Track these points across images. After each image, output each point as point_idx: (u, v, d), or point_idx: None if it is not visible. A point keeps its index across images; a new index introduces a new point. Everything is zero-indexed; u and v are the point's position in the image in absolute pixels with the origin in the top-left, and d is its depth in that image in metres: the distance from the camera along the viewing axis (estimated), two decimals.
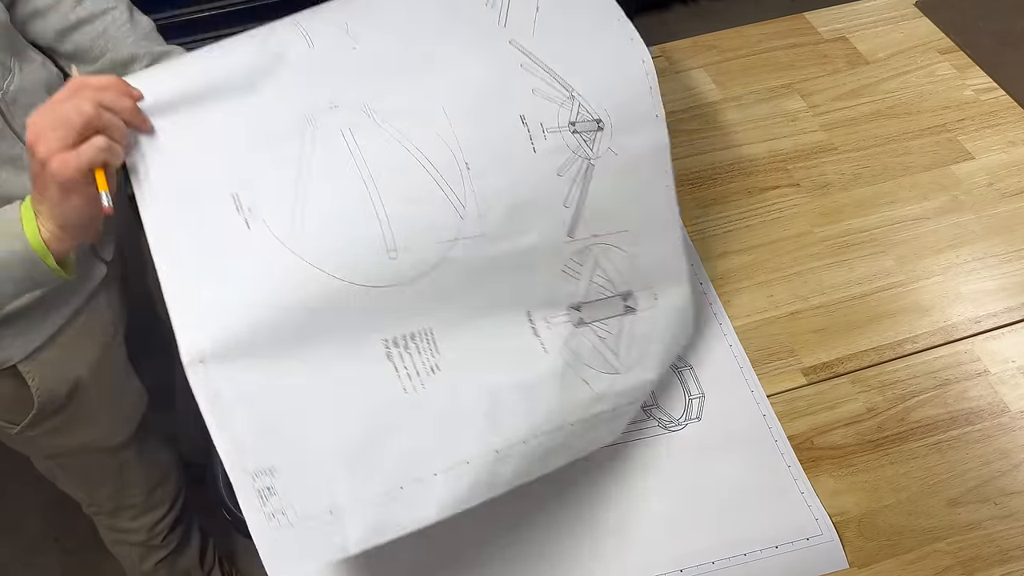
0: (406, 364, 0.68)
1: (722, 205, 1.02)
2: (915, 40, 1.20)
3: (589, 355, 0.77)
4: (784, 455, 0.81)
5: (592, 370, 0.76)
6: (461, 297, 0.71)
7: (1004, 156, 1.06)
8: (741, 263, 0.96)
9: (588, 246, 0.78)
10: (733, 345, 0.89)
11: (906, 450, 0.82)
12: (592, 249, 0.78)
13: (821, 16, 1.23)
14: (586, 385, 0.75)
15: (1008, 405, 0.85)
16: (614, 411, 0.76)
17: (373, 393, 0.66)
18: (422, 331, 0.69)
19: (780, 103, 1.12)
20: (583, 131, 0.77)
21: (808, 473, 0.80)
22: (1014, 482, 0.80)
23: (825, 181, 1.04)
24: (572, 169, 0.76)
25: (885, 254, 0.97)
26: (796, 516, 0.77)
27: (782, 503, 0.78)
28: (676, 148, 1.07)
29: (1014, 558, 0.76)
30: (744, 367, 0.87)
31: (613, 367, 0.77)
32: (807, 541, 0.76)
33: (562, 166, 0.75)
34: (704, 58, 1.18)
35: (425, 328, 0.69)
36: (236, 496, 0.60)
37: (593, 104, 0.78)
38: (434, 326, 0.69)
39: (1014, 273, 0.95)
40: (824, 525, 0.77)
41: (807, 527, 0.77)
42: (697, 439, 0.83)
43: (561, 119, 0.76)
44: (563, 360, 0.75)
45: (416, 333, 0.69)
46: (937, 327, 0.91)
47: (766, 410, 0.84)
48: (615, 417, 0.76)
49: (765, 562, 0.75)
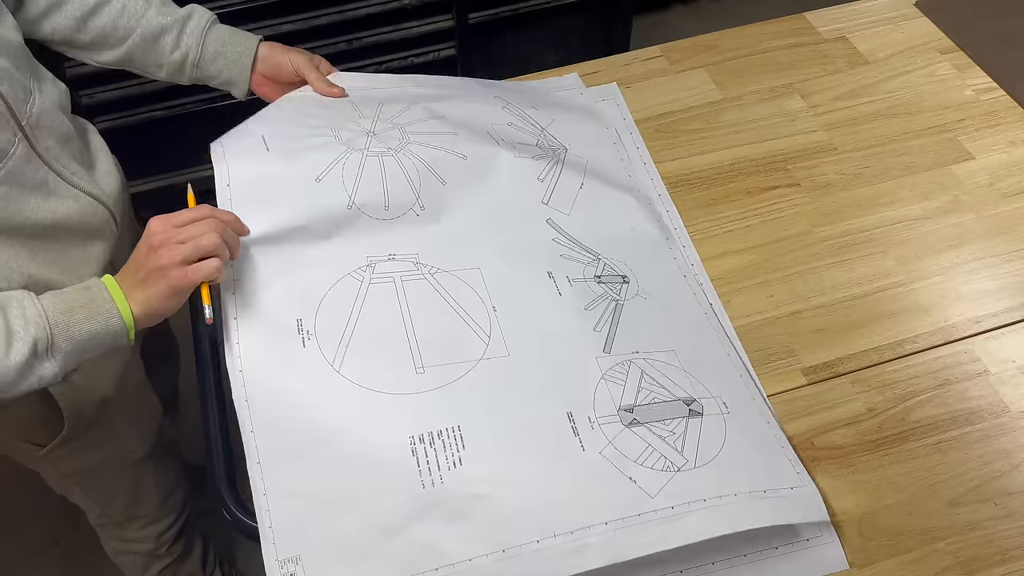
0: (428, 459, 0.74)
1: (722, 205, 1.02)
2: (915, 40, 1.20)
3: (642, 453, 0.76)
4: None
5: (644, 468, 0.75)
6: (490, 401, 0.78)
7: (1004, 156, 1.06)
8: (741, 263, 0.96)
9: (630, 359, 0.83)
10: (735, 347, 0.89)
11: (906, 450, 0.82)
12: (636, 362, 0.83)
13: (821, 16, 1.23)
14: (632, 483, 0.74)
15: (1008, 405, 0.85)
16: (673, 510, 0.73)
17: (394, 487, 0.73)
18: (449, 428, 0.76)
19: (780, 103, 1.12)
20: (608, 282, 0.89)
21: (808, 473, 0.80)
22: (1014, 482, 0.80)
23: (825, 181, 1.04)
24: (599, 307, 0.87)
25: (885, 254, 0.97)
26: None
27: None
28: (676, 148, 1.08)
29: (1014, 558, 0.76)
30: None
31: (673, 464, 0.76)
32: (806, 542, 0.76)
33: (589, 303, 0.87)
34: (704, 58, 1.18)
35: (452, 425, 0.76)
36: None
37: (619, 265, 0.91)
38: (462, 423, 0.76)
39: (1014, 273, 0.95)
40: (823, 526, 0.77)
41: (806, 528, 0.77)
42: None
43: (587, 273, 0.89)
44: (604, 458, 0.75)
45: (443, 430, 0.75)
46: (937, 327, 0.91)
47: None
48: (677, 516, 0.73)
49: (764, 563, 0.75)
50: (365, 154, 0.90)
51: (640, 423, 0.78)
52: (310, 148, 0.90)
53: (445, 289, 0.85)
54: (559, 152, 1.00)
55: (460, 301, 0.84)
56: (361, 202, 0.88)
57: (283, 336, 0.79)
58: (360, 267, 0.85)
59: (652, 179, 1.03)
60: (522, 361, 0.81)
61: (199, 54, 0.96)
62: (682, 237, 0.98)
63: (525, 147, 0.98)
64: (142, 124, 1.71)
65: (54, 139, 0.82)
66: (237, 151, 0.90)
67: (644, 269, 0.92)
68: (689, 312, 0.89)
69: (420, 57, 1.80)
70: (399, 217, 0.89)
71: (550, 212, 0.93)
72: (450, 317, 0.83)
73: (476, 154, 0.94)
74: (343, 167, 0.89)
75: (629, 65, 1.17)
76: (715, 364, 0.85)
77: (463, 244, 0.89)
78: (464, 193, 0.92)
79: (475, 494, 0.73)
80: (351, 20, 1.69)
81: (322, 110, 0.97)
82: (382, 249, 0.87)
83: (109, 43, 0.93)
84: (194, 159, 1.85)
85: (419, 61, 1.80)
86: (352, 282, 0.84)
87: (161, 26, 0.93)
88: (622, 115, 1.10)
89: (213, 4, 1.55)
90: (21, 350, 0.70)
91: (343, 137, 0.91)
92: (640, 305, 0.88)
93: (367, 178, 0.89)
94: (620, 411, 0.79)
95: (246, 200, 0.86)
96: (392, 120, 0.95)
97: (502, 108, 1.03)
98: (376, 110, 0.97)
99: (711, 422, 0.79)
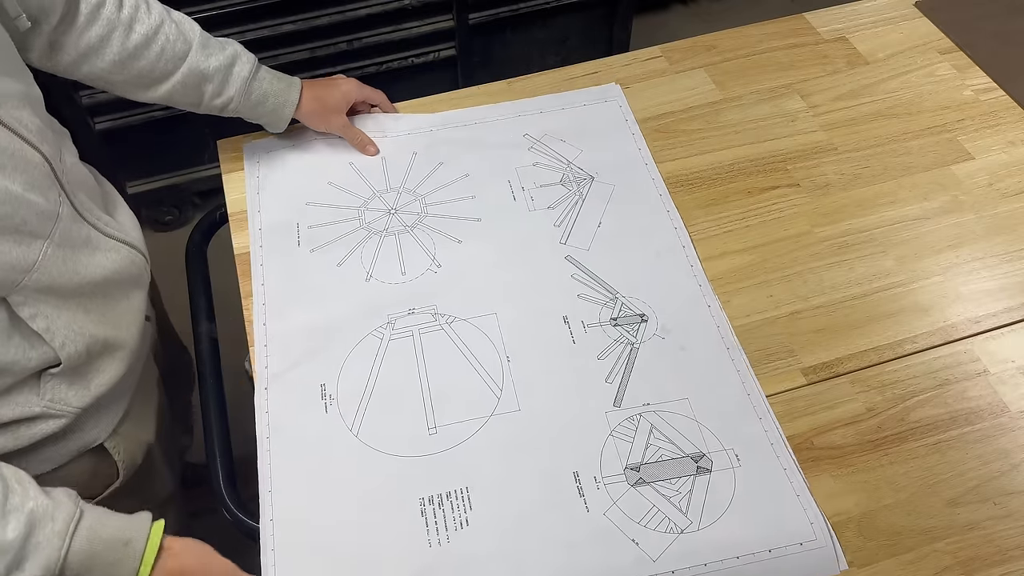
0: (437, 520, 0.77)
1: (722, 205, 1.02)
2: (915, 40, 1.20)
3: (646, 515, 0.77)
4: (780, 458, 0.81)
5: (647, 530, 0.76)
6: (499, 461, 0.80)
7: (1004, 156, 1.06)
8: (741, 263, 0.96)
9: (640, 413, 0.83)
10: (732, 347, 0.89)
11: (906, 450, 0.82)
12: (646, 415, 0.83)
13: (821, 16, 1.23)
14: (635, 546, 0.75)
15: (1008, 405, 0.85)
16: (673, 574, 0.74)
17: (403, 546, 0.76)
18: (457, 490, 0.79)
19: (780, 103, 1.12)
20: (625, 324, 0.90)
21: (807, 473, 0.80)
22: (1014, 482, 0.80)
23: (825, 181, 1.04)
24: (614, 353, 0.88)
25: (885, 254, 0.97)
26: (790, 520, 0.77)
27: (776, 507, 0.78)
28: (676, 148, 1.08)
29: (1013, 558, 0.76)
30: (742, 368, 0.87)
31: (677, 526, 0.77)
32: (800, 546, 0.76)
33: (603, 351, 0.88)
34: (704, 58, 1.18)
35: (461, 487, 0.79)
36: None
37: (637, 304, 0.92)
38: (470, 484, 0.79)
39: (1014, 273, 0.95)
40: (819, 529, 0.77)
41: (801, 531, 0.76)
42: None
43: (603, 316, 0.91)
44: (607, 519, 0.77)
45: (452, 492, 0.79)
46: (937, 327, 0.91)
47: (763, 412, 0.84)
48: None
49: (757, 566, 0.75)
50: (383, 235, 0.98)
51: (646, 482, 0.79)
52: (336, 237, 0.98)
53: (461, 340, 0.89)
54: (584, 184, 1.04)
55: (475, 352, 0.88)
56: (378, 274, 0.95)
57: (308, 402, 0.85)
58: (380, 325, 0.90)
59: (653, 179, 1.03)
60: (532, 417, 0.83)
61: (240, 102, 0.96)
62: (683, 237, 0.98)
63: (544, 190, 1.03)
64: (142, 124, 1.71)
65: (84, 192, 0.81)
66: (273, 248, 0.97)
67: (665, 301, 0.92)
68: (707, 350, 0.88)
69: (420, 57, 1.80)
70: (417, 278, 0.95)
71: (568, 250, 0.97)
72: (465, 370, 0.87)
73: (490, 215, 1.00)
74: (362, 250, 0.97)
75: (629, 65, 1.17)
76: (731, 408, 0.84)
77: (480, 289, 0.93)
78: (480, 247, 0.97)
79: (479, 556, 0.75)
80: (351, 20, 1.69)
81: (355, 177, 1.04)
82: (402, 306, 0.92)
83: (145, 83, 0.91)
84: (194, 159, 1.86)
85: (419, 61, 1.80)
86: (373, 341, 0.89)
87: (203, 73, 0.92)
88: (624, 116, 1.10)
89: (214, 5, 1.56)
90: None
91: (366, 219, 1.00)
92: (656, 348, 0.88)
93: (384, 255, 0.96)
94: (626, 470, 0.80)
95: (278, 296, 0.93)
96: (415, 191, 1.03)
97: (528, 149, 1.08)
98: (404, 174, 1.05)
99: (720, 478, 0.80)
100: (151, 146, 1.78)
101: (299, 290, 0.93)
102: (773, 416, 0.84)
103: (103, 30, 0.85)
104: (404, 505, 0.78)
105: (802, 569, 0.75)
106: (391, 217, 1.00)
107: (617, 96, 1.13)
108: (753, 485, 0.79)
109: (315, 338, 0.89)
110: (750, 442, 0.82)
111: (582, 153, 1.07)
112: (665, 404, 0.84)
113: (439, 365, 0.85)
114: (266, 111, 0.99)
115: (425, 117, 1.10)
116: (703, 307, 0.92)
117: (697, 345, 0.89)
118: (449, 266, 0.95)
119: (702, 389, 0.85)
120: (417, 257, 0.96)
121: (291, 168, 1.05)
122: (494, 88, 1.15)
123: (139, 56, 0.88)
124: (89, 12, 0.84)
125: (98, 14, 0.85)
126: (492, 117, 1.11)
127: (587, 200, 1.01)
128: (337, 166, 1.05)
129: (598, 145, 1.07)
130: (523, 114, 1.11)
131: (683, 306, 0.92)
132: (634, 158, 1.06)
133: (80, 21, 0.84)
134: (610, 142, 1.08)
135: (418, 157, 1.06)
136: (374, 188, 1.03)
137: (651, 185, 1.03)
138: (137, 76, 0.89)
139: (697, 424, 0.83)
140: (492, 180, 1.04)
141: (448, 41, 1.80)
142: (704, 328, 0.90)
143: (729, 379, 0.86)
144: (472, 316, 0.91)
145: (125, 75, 0.89)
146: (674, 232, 0.98)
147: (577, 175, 1.04)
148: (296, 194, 1.02)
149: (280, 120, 1.01)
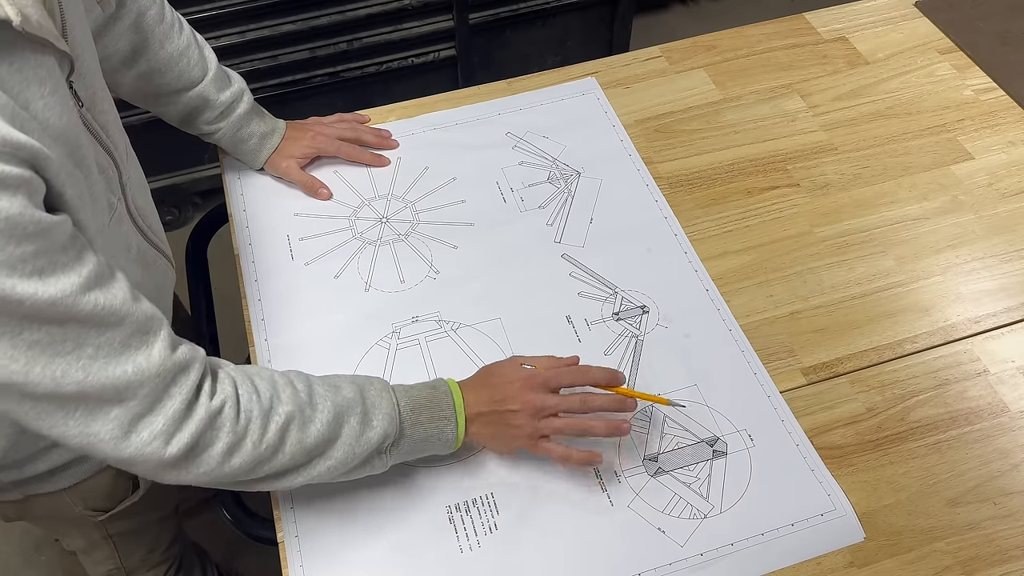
0: (466, 526, 0.78)
1: (722, 205, 1.02)
2: (915, 40, 1.20)
3: (668, 503, 0.78)
4: (792, 434, 0.82)
5: (671, 518, 0.77)
6: (520, 464, 0.80)
7: (1004, 156, 1.06)
8: (741, 263, 0.96)
9: (652, 404, 0.84)
10: (739, 340, 0.89)
11: (905, 450, 0.82)
12: (658, 406, 0.84)
13: (821, 16, 1.23)
14: (662, 534, 0.77)
15: (1008, 405, 0.85)
16: (703, 556, 0.75)
17: (434, 555, 0.76)
18: (483, 496, 0.79)
19: (780, 103, 1.12)
20: (627, 317, 0.91)
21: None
22: (1014, 482, 0.80)
23: (825, 181, 1.04)
24: (619, 348, 0.89)
25: (885, 254, 0.97)
26: (809, 493, 0.79)
27: (794, 482, 0.80)
28: (675, 148, 1.08)
29: (1013, 558, 0.76)
30: (745, 349, 0.88)
31: (700, 512, 0.78)
32: (821, 516, 0.77)
33: (608, 346, 0.89)
34: (704, 58, 1.18)
35: (486, 493, 0.79)
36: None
37: (637, 296, 0.93)
38: (495, 490, 0.79)
39: (1014, 273, 0.95)
40: (837, 500, 0.78)
41: (820, 503, 0.78)
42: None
43: (605, 312, 0.91)
44: (632, 511, 0.78)
45: (478, 498, 0.79)
46: (937, 327, 0.91)
47: (771, 391, 0.85)
48: (708, 562, 0.75)
49: (782, 541, 0.76)
50: (378, 244, 0.98)
51: (665, 471, 0.80)
52: (329, 248, 0.98)
53: (469, 346, 0.89)
54: (571, 180, 1.04)
55: (483, 357, 0.88)
56: (377, 283, 0.95)
57: None
58: (386, 335, 0.90)
59: (639, 170, 1.04)
60: None
61: (225, 135, 0.99)
62: (674, 226, 0.99)
63: (533, 189, 1.03)
64: (142, 124, 1.71)
65: (143, 199, 0.81)
66: (266, 264, 0.96)
67: (664, 291, 0.93)
68: (710, 335, 0.89)
69: (420, 57, 1.80)
70: (416, 285, 0.95)
71: (563, 248, 0.97)
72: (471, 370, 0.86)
73: (482, 219, 1.00)
74: (358, 260, 0.97)
75: (629, 65, 1.17)
76: (739, 389, 0.85)
77: (482, 295, 0.93)
78: (476, 252, 0.98)
79: (511, 559, 0.76)
80: (351, 20, 1.69)
81: (342, 186, 1.04)
82: (405, 314, 0.92)
83: (150, 97, 0.95)
84: (194, 159, 1.86)
85: (419, 61, 1.80)
86: (380, 351, 0.89)
87: (208, 102, 0.95)
88: (604, 108, 1.11)
89: (214, 5, 1.56)
90: (371, 439, 0.70)
91: (359, 229, 1.00)
92: (660, 337, 0.89)
93: (381, 264, 0.96)
94: (645, 460, 0.81)
95: (278, 314, 0.92)
96: (404, 198, 1.03)
97: (512, 148, 1.08)
98: (391, 180, 1.05)
99: (736, 460, 0.81)
100: (151, 146, 1.78)
101: (299, 305, 0.93)
102: (778, 393, 0.85)
103: (139, 38, 0.88)
104: (431, 515, 0.78)
105: (826, 539, 0.77)
106: (383, 226, 1.00)
107: (594, 89, 1.14)
108: (769, 463, 0.81)
109: (321, 351, 0.89)
110: (761, 421, 0.83)
111: (566, 149, 1.07)
112: (675, 392, 0.85)
113: (449, 372, 0.84)
114: (247, 149, 1.01)
115: (404, 122, 1.10)
116: (701, 292, 0.93)
117: (699, 331, 0.90)
118: (447, 272, 0.95)
119: (709, 374, 0.86)
120: (415, 265, 0.96)
121: (272, 179, 1.04)
122: (494, 88, 1.15)
123: (162, 72, 0.91)
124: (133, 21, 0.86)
125: (142, 22, 0.87)
126: (471, 117, 1.11)
127: (576, 196, 1.02)
128: (321, 176, 1.04)
129: (581, 140, 1.08)
130: (503, 112, 1.11)
131: (682, 294, 0.93)
132: (617, 150, 1.07)
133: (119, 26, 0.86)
134: (592, 136, 1.08)
135: (402, 163, 1.06)
136: (362, 196, 1.03)
137: (637, 176, 1.04)
138: (150, 89, 0.93)
139: (708, 409, 0.84)
140: (480, 183, 1.04)
141: (448, 41, 1.80)
142: (704, 313, 0.91)
143: (734, 361, 0.87)
144: (476, 322, 0.91)
145: (139, 85, 0.92)
146: (664, 222, 0.99)
147: (564, 171, 1.04)
148: (282, 205, 1.02)
149: (257, 160, 1.03)
